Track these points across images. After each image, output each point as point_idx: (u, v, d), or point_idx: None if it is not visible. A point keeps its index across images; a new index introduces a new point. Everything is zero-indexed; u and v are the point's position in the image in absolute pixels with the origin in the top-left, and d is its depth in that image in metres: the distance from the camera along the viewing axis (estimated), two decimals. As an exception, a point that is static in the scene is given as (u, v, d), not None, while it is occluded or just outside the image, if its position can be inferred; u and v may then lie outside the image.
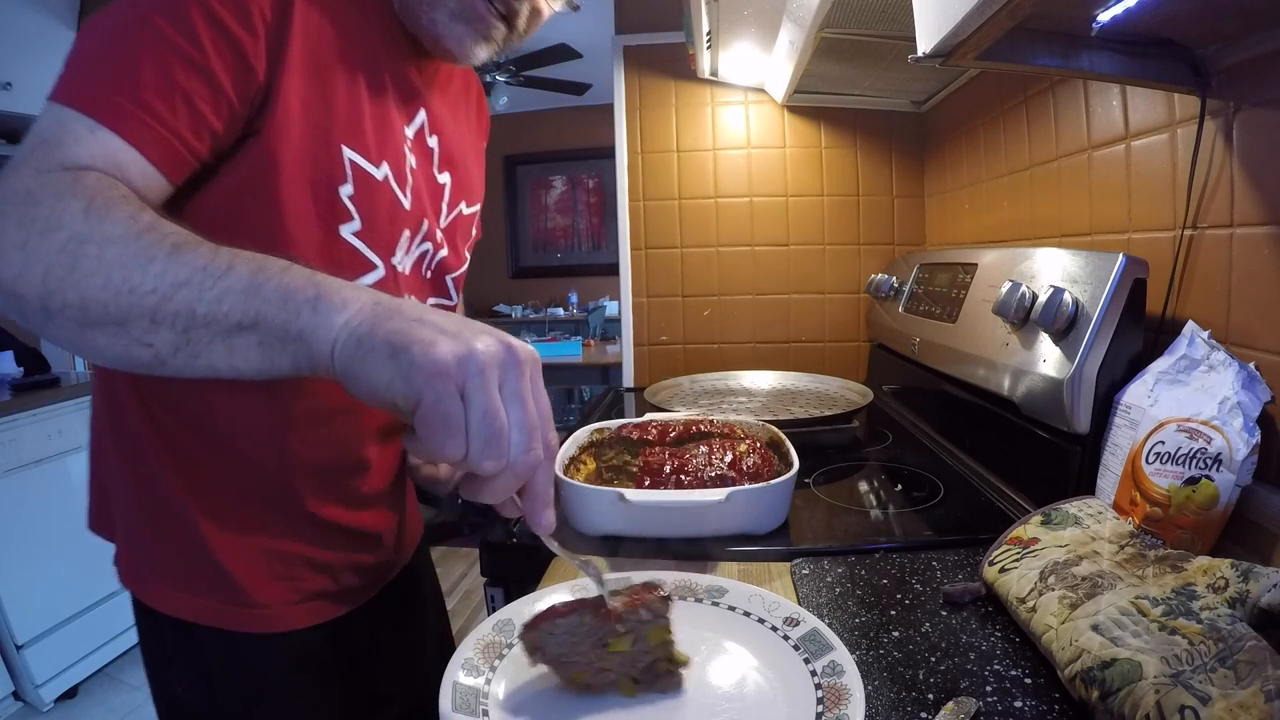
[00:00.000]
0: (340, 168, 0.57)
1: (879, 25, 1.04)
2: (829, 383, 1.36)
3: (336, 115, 0.57)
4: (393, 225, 0.63)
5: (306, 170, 0.55)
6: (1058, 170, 1.01)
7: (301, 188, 0.56)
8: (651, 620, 0.47)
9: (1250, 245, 0.66)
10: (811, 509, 0.84)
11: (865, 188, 1.60)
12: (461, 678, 0.48)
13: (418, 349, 0.37)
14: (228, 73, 0.50)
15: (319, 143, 0.56)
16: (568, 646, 0.47)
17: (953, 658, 0.52)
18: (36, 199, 0.42)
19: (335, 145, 0.57)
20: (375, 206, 0.61)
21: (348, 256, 0.60)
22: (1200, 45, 0.68)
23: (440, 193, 0.71)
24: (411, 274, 0.68)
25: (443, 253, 0.71)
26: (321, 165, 0.56)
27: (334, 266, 0.57)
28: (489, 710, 0.46)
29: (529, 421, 0.39)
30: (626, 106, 1.64)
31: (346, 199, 0.58)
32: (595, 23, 2.98)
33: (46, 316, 0.42)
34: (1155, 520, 0.61)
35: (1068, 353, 0.74)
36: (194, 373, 0.42)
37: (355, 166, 0.58)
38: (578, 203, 5.08)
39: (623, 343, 1.71)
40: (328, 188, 0.57)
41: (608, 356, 3.93)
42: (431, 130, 0.69)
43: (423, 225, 0.67)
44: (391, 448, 0.71)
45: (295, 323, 0.40)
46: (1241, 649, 0.39)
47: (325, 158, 0.56)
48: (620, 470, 0.83)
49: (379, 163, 0.60)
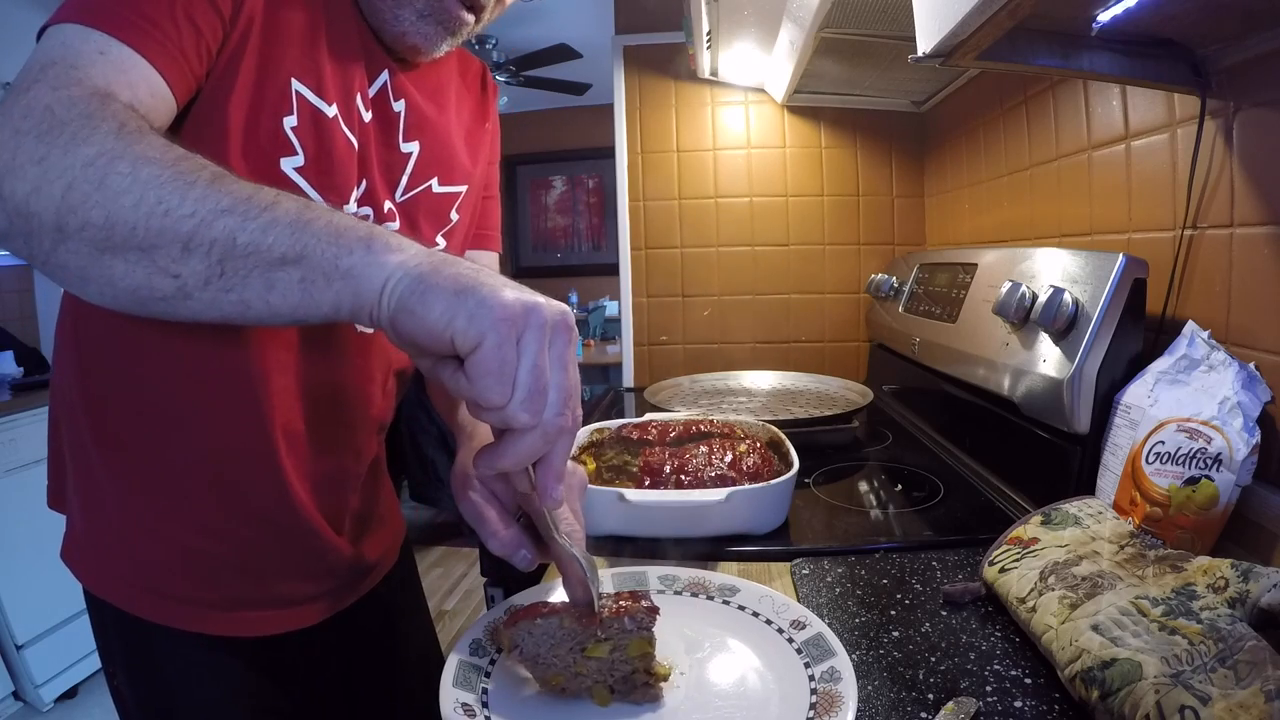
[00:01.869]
0: (287, 99, 0.54)
1: (879, 25, 1.04)
2: (829, 383, 1.36)
3: (290, 47, 0.55)
4: (345, 168, 0.59)
5: (250, 95, 0.53)
6: (1058, 170, 1.01)
7: (242, 113, 0.53)
8: (634, 631, 0.47)
9: (1250, 245, 0.66)
10: (811, 509, 0.84)
11: (865, 188, 1.60)
12: (467, 659, 0.49)
13: (486, 290, 0.37)
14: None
15: (267, 71, 0.53)
16: (545, 647, 0.47)
17: (953, 658, 0.52)
18: (59, 116, 0.40)
19: (284, 76, 0.54)
20: (323, 144, 0.57)
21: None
22: (1200, 45, 0.68)
23: (401, 162, 0.66)
24: None
25: (392, 226, 0.65)
26: (267, 94, 0.53)
27: None
28: (488, 696, 0.46)
29: (568, 385, 0.40)
30: (626, 106, 1.64)
31: (290, 130, 0.55)
32: (595, 23, 2.98)
33: (60, 238, 0.39)
34: (1155, 520, 0.61)
35: (1068, 353, 0.74)
36: (218, 310, 0.40)
37: (302, 99, 0.55)
38: (578, 203, 5.08)
39: (623, 343, 1.71)
40: (271, 117, 0.54)
41: (608, 356, 3.93)
42: (397, 94, 0.64)
43: (361, 186, 0.62)
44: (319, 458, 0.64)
45: (346, 259, 0.39)
46: (1241, 649, 0.39)
47: (272, 88, 0.54)
48: (620, 470, 0.83)
49: (330, 101, 0.57)
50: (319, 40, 0.57)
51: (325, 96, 0.57)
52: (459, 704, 0.44)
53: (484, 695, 0.47)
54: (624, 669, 0.47)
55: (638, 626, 0.47)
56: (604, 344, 4.39)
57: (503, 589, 0.77)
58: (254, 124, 0.53)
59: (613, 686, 0.47)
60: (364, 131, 0.61)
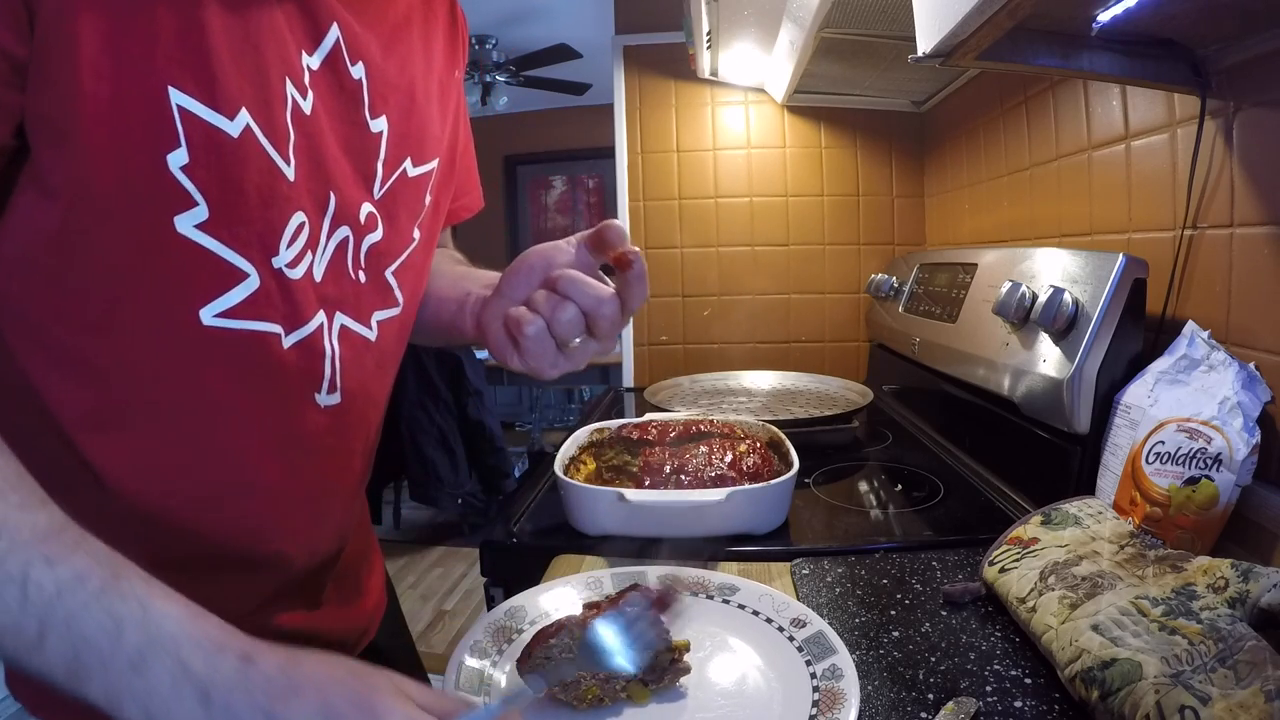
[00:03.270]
0: (167, 122, 0.38)
1: (879, 25, 1.04)
2: (829, 383, 1.36)
3: (158, 39, 0.37)
4: (266, 208, 0.43)
5: (112, 129, 0.37)
6: (1058, 170, 1.01)
7: (107, 159, 0.37)
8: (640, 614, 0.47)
9: (1250, 245, 0.66)
10: (811, 509, 0.84)
11: (865, 188, 1.60)
12: (468, 660, 0.49)
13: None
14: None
15: (130, 84, 0.37)
16: (566, 666, 0.45)
17: (953, 658, 0.52)
18: None
19: (156, 86, 0.37)
20: (230, 180, 0.41)
21: (192, 263, 0.41)
22: (1200, 45, 0.68)
23: (374, 148, 0.50)
24: (329, 278, 0.48)
25: (374, 236, 0.51)
26: (136, 120, 0.37)
27: (173, 283, 0.41)
28: (492, 694, 0.46)
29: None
30: (626, 106, 1.64)
31: (179, 172, 0.39)
32: (595, 23, 2.98)
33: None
34: (1155, 520, 0.61)
35: (1068, 353, 0.74)
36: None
37: (189, 119, 0.38)
38: (578, 203, 5.08)
39: (623, 343, 1.71)
40: (149, 155, 0.38)
41: (608, 356, 3.94)
42: (354, 55, 0.47)
43: (329, 203, 0.47)
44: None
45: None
46: (1241, 649, 0.39)
47: (141, 108, 0.37)
48: (620, 470, 0.82)
49: (234, 110, 0.40)
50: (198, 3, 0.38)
51: (220, 104, 0.40)
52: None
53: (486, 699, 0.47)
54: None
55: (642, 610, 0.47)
56: (604, 344, 4.39)
57: (503, 589, 0.77)
58: (126, 173, 0.38)
59: (644, 680, 0.47)
60: (308, 126, 0.45)
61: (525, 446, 4.22)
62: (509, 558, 0.77)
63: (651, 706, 0.47)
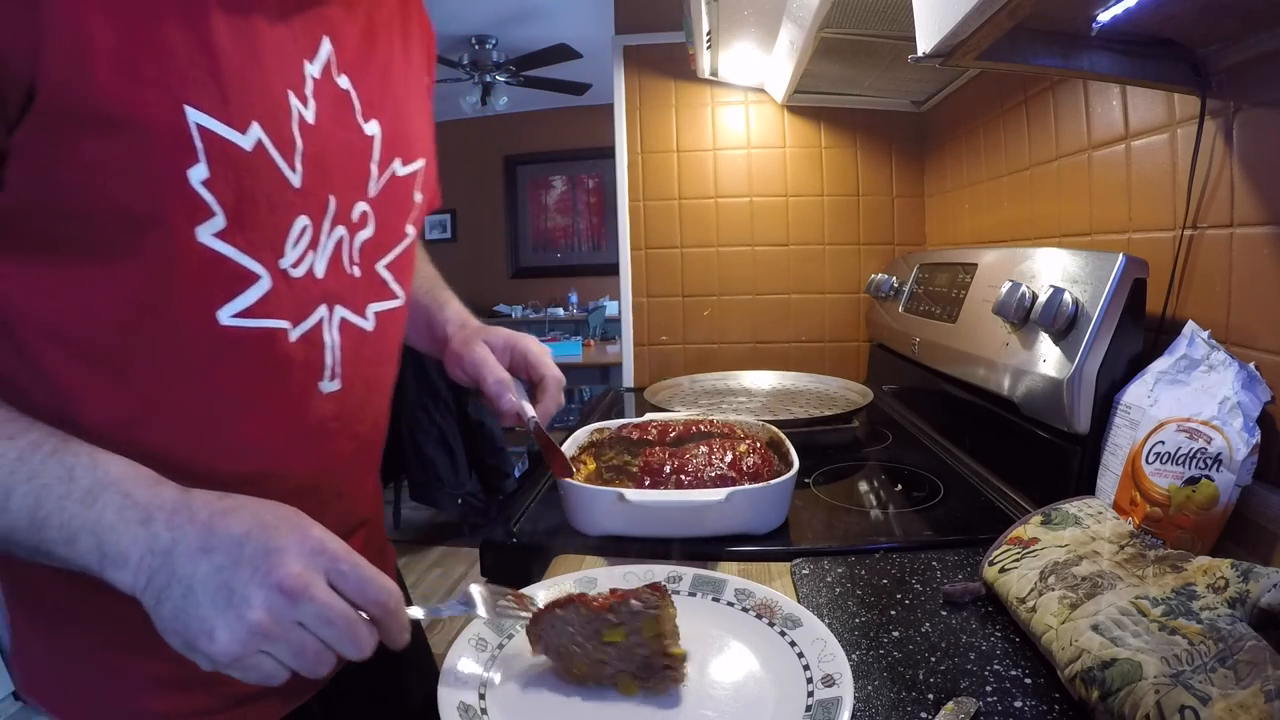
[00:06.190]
0: (185, 139, 0.40)
1: (879, 25, 1.04)
2: (829, 383, 1.36)
3: (173, 60, 0.39)
4: (275, 213, 0.46)
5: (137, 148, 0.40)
6: (1058, 170, 1.01)
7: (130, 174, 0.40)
8: (643, 611, 0.47)
9: (1250, 245, 0.66)
10: (811, 509, 0.84)
11: (865, 188, 1.61)
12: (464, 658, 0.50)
13: (201, 646, 0.36)
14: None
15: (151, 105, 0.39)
16: (566, 637, 0.48)
17: (953, 658, 0.52)
18: None
19: (174, 107, 0.40)
20: (245, 190, 0.44)
21: (211, 269, 0.44)
22: (1200, 45, 0.68)
23: (366, 150, 0.53)
24: (329, 274, 0.52)
25: (365, 233, 0.54)
26: (158, 138, 0.40)
27: (194, 289, 0.44)
28: (486, 699, 0.47)
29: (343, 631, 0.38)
30: (626, 106, 1.64)
31: (199, 185, 0.41)
32: (595, 23, 2.99)
33: None
34: (1155, 520, 0.61)
35: (1068, 353, 0.74)
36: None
37: (207, 135, 0.41)
38: (578, 203, 5.08)
39: (623, 343, 1.71)
40: (172, 171, 0.41)
41: (608, 356, 3.94)
42: (340, 67, 0.50)
43: (329, 206, 0.50)
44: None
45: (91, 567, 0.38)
46: (1241, 649, 0.39)
47: (163, 127, 0.40)
48: (620, 470, 0.82)
49: (245, 124, 0.43)
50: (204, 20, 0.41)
51: (234, 120, 0.42)
52: (460, 705, 0.45)
53: (482, 701, 0.47)
54: (641, 653, 0.47)
55: (646, 606, 0.48)
56: (604, 344, 4.39)
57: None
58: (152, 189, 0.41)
59: (635, 674, 0.48)
60: (311, 136, 0.48)
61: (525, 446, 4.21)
62: (509, 558, 0.77)
63: (651, 706, 0.47)
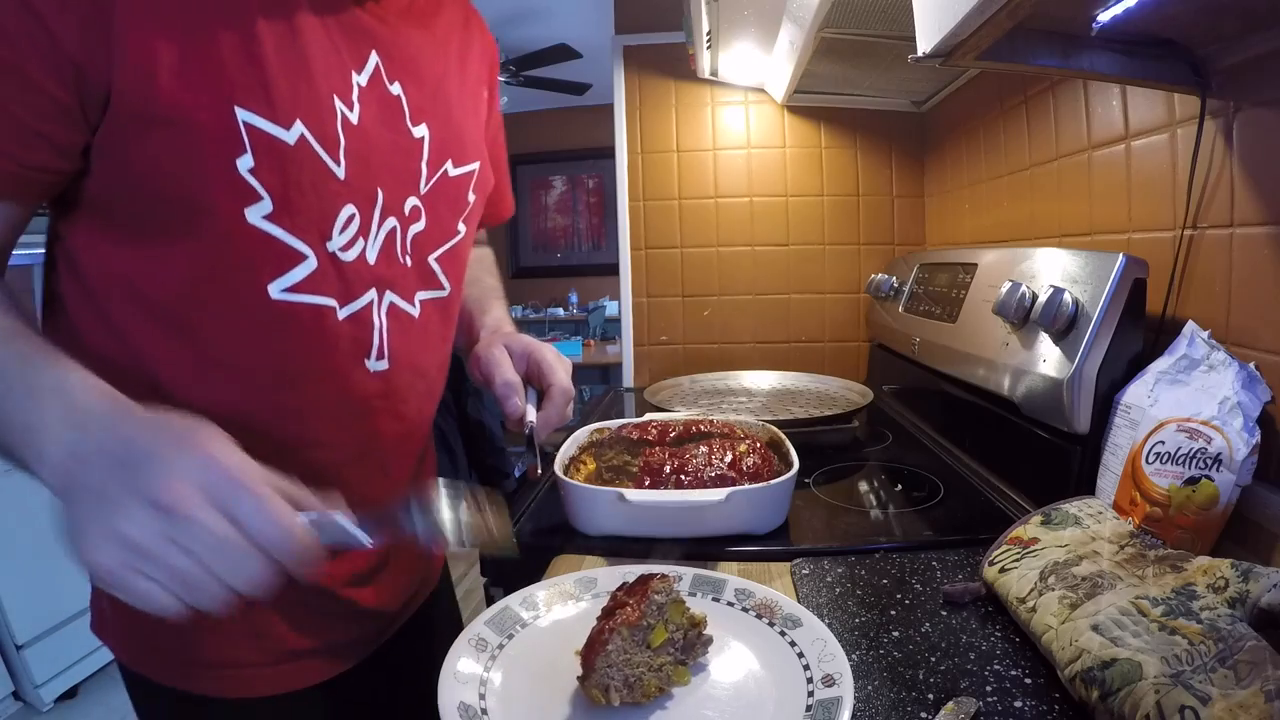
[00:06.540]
0: (235, 133, 0.47)
1: (879, 25, 1.04)
2: (829, 383, 1.36)
3: (225, 70, 0.46)
4: (321, 200, 0.52)
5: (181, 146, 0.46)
6: (1058, 170, 1.01)
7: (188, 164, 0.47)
8: (666, 600, 0.50)
9: (1250, 245, 0.66)
10: (811, 509, 0.84)
11: (865, 188, 1.60)
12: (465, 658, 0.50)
13: (77, 556, 0.38)
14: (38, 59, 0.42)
15: (205, 107, 0.46)
16: (626, 665, 0.47)
17: (953, 658, 0.52)
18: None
19: (224, 107, 0.47)
20: (290, 179, 0.50)
21: (261, 247, 0.50)
22: (1200, 45, 0.68)
23: (416, 151, 0.59)
24: (381, 262, 0.57)
25: (417, 226, 0.60)
26: (211, 133, 0.46)
27: (246, 264, 0.50)
28: (486, 699, 0.47)
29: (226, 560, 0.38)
30: (626, 106, 1.64)
31: (247, 173, 0.48)
32: (595, 23, 2.98)
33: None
34: (1155, 520, 0.61)
35: (1068, 353, 0.74)
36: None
37: (253, 131, 0.48)
38: (578, 203, 5.08)
39: (623, 343, 1.71)
40: (224, 161, 0.47)
41: (608, 356, 3.94)
42: (391, 76, 0.57)
43: (378, 197, 0.56)
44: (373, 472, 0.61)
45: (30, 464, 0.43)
46: (1241, 649, 0.39)
47: (213, 124, 0.46)
48: (620, 470, 0.82)
49: (289, 122, 0.49)
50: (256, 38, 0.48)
51: (279, 118, 0.49)
52: (460, 705, 0.44)
53: (482, 701, 0.47)
54: (679, 637, 0.50)
55: (666, 594, 0.50)
56: (604, 344, 4.39)
57: (503, 589, 0.77)
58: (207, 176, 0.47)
59: (682, 660, 0.50)
60: (355, 136, 0.54)
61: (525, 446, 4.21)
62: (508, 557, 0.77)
63: (652, 706, 0.47)
